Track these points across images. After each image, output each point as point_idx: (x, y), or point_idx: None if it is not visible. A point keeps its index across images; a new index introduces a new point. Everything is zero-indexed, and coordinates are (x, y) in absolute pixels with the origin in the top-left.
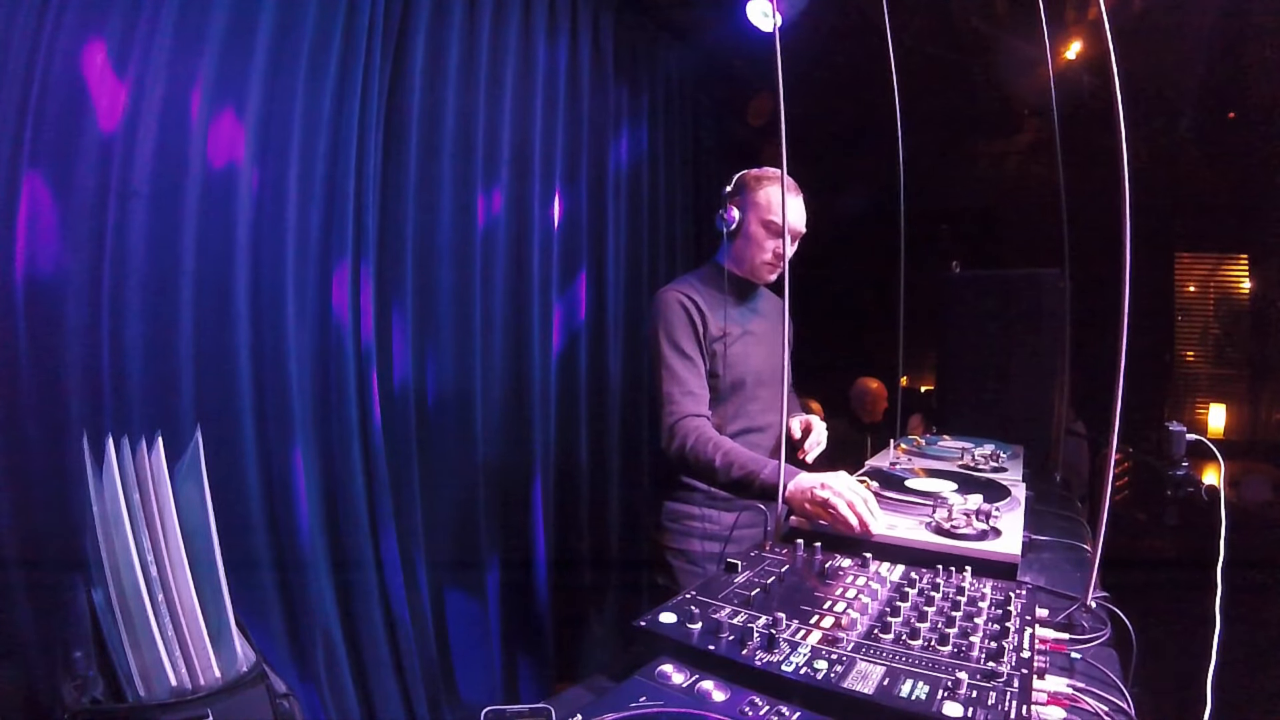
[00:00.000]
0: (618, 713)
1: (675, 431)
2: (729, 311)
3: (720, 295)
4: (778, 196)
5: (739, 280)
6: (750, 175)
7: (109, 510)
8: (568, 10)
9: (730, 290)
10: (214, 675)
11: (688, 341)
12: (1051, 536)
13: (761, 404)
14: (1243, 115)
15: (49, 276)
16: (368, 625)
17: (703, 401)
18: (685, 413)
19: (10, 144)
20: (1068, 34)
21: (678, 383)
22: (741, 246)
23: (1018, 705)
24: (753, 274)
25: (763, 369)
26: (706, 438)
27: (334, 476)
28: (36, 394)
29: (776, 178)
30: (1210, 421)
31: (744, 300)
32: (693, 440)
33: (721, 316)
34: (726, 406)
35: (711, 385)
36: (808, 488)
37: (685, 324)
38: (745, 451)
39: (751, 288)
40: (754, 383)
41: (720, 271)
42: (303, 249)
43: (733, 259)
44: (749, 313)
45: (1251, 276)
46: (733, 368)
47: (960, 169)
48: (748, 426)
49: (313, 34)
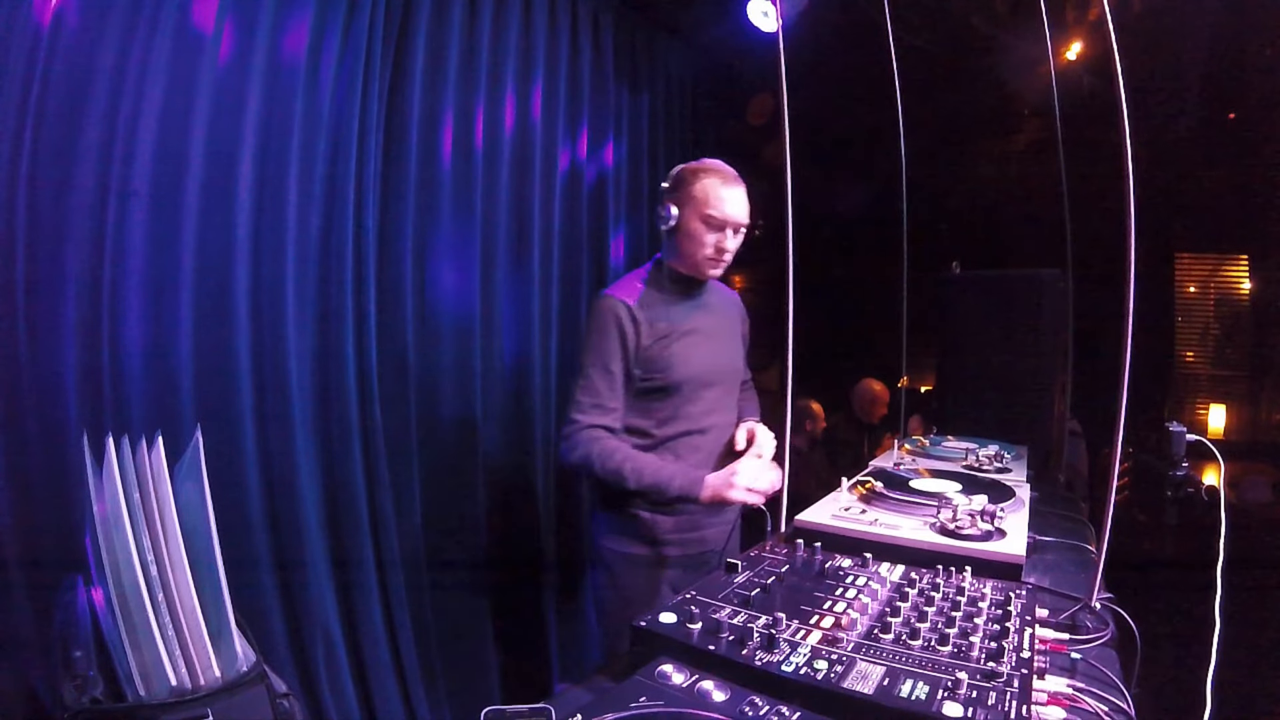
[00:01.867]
0: (618, 713)
1: (576, 441)
2: (672, 312)
3: (663, 295)
4: (715, 189)
5: (683, 277)
6: (688, 169)
7: (109, 510)
8: (568, 10)
9: (673, 288)
10: (214, 675)
11: (612, 353)
12: (1055, 537)
13: (704, 405)
14: (1243, 115)
15: (49, 276)
16: (368, 625)
17: (611, 415)
18: (588, 423)
19: (10, 144)
20: (1069, 34)
21: (590, 393)
22: (682, 243)
23: (1018, 705)
24: (696, 270)
25: (706, 369)
26: (611, 448)
27: (334, 476)
28: (36, 394)
29: (714, 170)
30: (1210, 422)
31: (688, 297)
32: (596, 450)
33: (662, 318)
34: (663, 408)
35: (648, 388)
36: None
37: (614, 335)
38: (651, 459)
39: (697, 284)
40: (695, 384)
41: (663, 270)
42: (303, 249)
43: (675, 256)
44: (693, 310)
45: (1252, 277)
46: (671, 369)
47: (961, 169)
48: (688, 429)
49: (312, 34)
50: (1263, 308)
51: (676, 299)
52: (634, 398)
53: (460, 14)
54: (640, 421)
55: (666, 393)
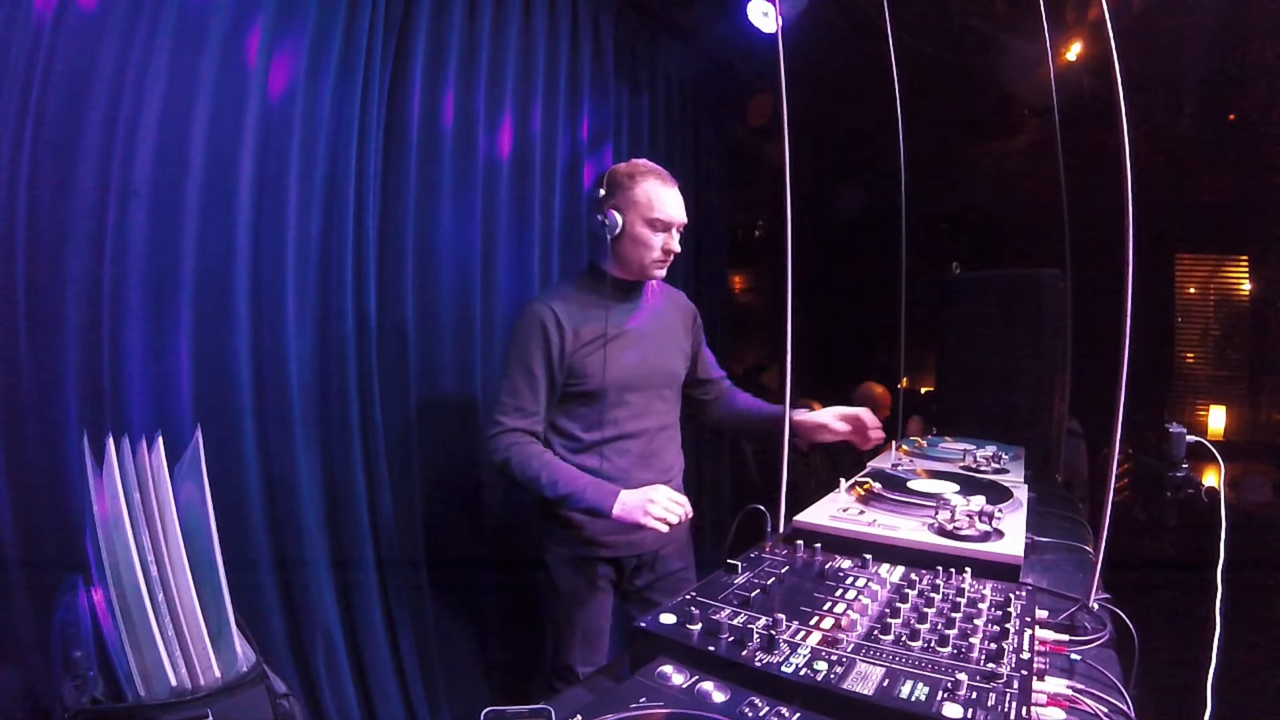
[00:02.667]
0: (618, 713)
1: (497, 444)
2: (600, 315)
3: (595, 300)
4: (656, 191)
5: (621, 282)
6: (621, 173)
7: (109, 510)
8: (568, 10)
9: (608, 294)
10: (214, 675)
11: (536, 358)
12: (1053, 538)
13: (632, 409)
14: (1243, 115)
15: (49, 276)
16: (368, 625)
17: (533, 419)
18: (509, 426)
19: (10, 144)
20: (1068, 34)
21: (512, 395)
22: (628, 248)
23: (1017, 706)
24: (642, 273)
25: (634, 373)
26: (530, 453)
27: (334, 476)
28: (36, 394)
29: (650, 172)
30: (1210, 423)
31: (623, 301)
32: (515, 456)
33: (591, 322)
34: (590, 413)
35: (573, 393)
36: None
37: (539, 340)
38: (568, 469)
39: (635, 287)
40: (621, 388)
41: (598, 276)
42: (303, 249)
43: (617, 262)
44: (626, 314)
45: (1251, 278)
46: (595, 375)
47: (961, 169)
48: (616, 434)
49: (313, 34)
50: (1263, 308)
51: (610, 304)
52: (561, 402)
53: (460, 14)
54: (569, 425)
55: (592, 398)
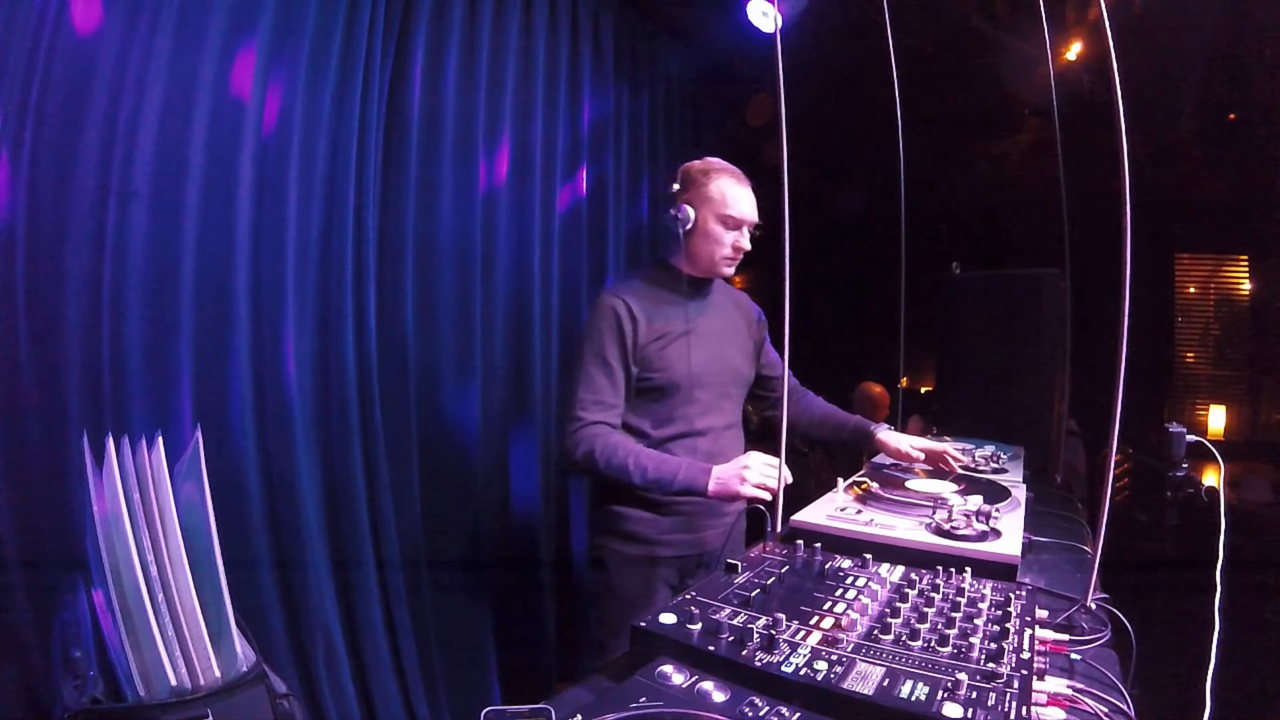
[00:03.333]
0: (618, 713)
1: (579, 438)
2: (674, 311)
3: (665, 295)
4: (731, 189)
5: (690, 278)
6: (696, 169)
7: (109, 510)
8: (568, 10)
9: (678, 289)
10: (214, 675)
11: (611, 350)
12: (1051, 537)
13: (700, 407)
14: (1243, 115)
15: (49, 276)
16: (368, 625)
17: (612, 411)
18: (591, 420)
19: (11, 144)
20: (1068, 34)
21: (590, 390)
22: (699, 244)
23: (1017, 706)
24: (711, 270)
25: (703, 370)
26: (614, 443)
27: (334, 476)
28: (36, 394)
29: (725, 170)
30: (1210, 422)
31: (693, 298)
32: (599, 446)
33: (662, 317)
34: (660, 409)
35: (644, 388)
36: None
37: (613, 331)
38: (655, 453)
39: (705, 284)
40: (691, 385)
41: (667, 270)
42: (303, 249)
43: (687, 257)
44: (696, 311)
45: (1251, 277)
46: (668, 370)
47: (960, 169)
48: (684, 431)
49: (313, 34)
50: (1262, 308)
51: (680, 299)
52: (632, 397)
53: (460, 14)
54: (638, 421)
55: (663, 393)
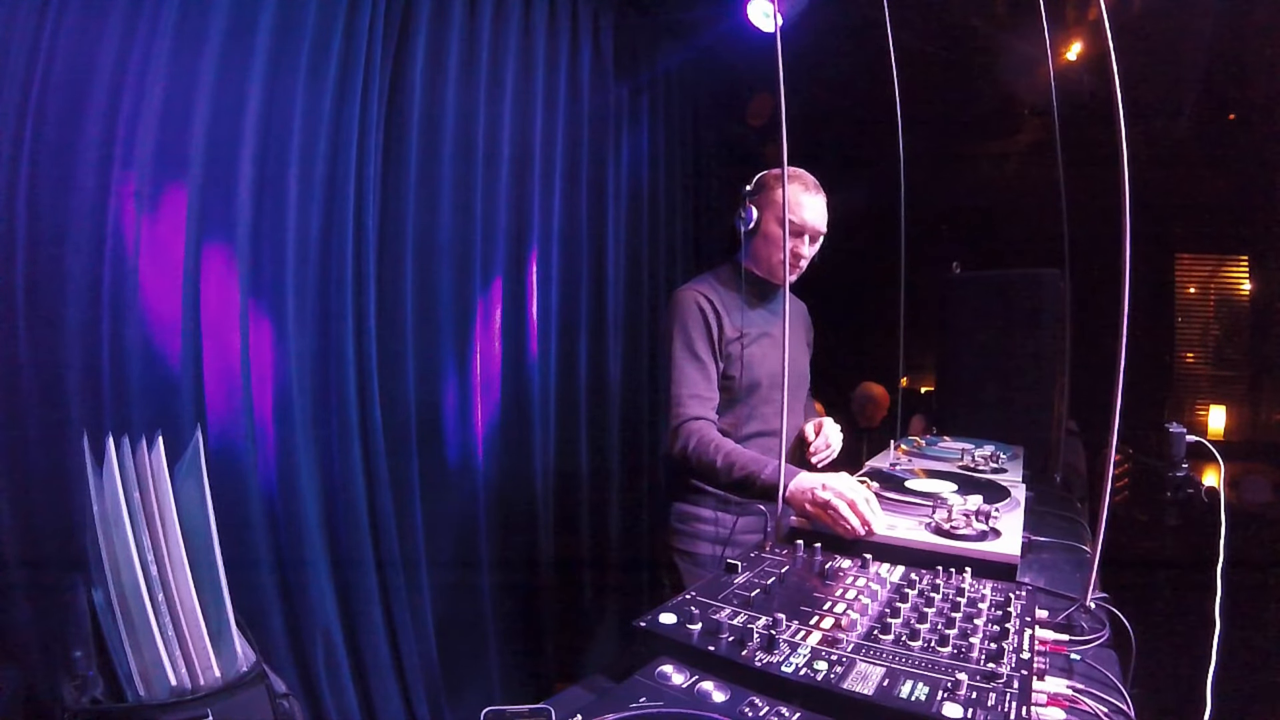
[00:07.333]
0: (618, 713)
1: (680, 433)
2: (747, 313)
3: (738, 295)
4: (796, 195)
5: (759, 280)
6: (771, 175)
7: (109, 510)
8: (568, 10)
9: (750, 290)
10: (214, 675)
11: (701, 343)
12: (1051, 537)
13: (775, 407)
14: (1243, 115)
15: (49, 276)
16: (368, 625)
17: (709, 405)
18: (690, 415)
19: (10, 144)
20: (1068, 34)
21: (686, 384)
22: (760, 246)
23: (1017, 706)
24: (770, 274)
25: (778, 372)
26: (708, 439)
27: (334, 476)
28: (36, 394)
29: (796, 176)
30: (1210, 423)
31: (763, 301)
32: (695, 442)
33: (739, 317)
34: (741, 409)
35: (727, 387)
36: (808, 488)
37: (700, 325)
38: (746, 452)
39: (771, 288)
40: (769, 385)
41: (739, 271)
42: (303, 249)
43: (751, 258)
44: (768, 314)
45: (1252, 277)
46: (749, 370)
47: (960, 169)
48: (762, 429)
49: (313, 34)
50: (1263, 308)
51: (751, 301)
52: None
53: (460, 14)
54: (720, 420)
55: (745, 392)
